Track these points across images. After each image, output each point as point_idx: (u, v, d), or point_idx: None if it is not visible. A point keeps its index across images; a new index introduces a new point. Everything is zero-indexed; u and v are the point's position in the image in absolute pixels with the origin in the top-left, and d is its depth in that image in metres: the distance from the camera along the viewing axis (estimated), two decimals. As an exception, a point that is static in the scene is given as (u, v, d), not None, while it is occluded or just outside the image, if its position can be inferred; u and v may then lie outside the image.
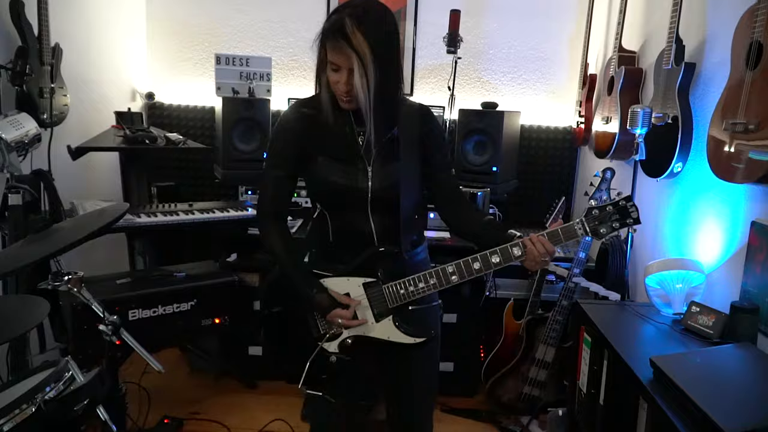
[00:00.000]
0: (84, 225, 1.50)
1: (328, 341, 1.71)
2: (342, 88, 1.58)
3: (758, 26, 1.76)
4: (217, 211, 3.11)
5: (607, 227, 1.60)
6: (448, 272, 1.64)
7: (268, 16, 3.75)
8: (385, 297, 1.68)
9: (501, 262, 1.61)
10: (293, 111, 1.75)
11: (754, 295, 1.93)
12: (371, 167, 1.70)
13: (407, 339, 1.70)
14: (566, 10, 3.71)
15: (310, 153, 1.70)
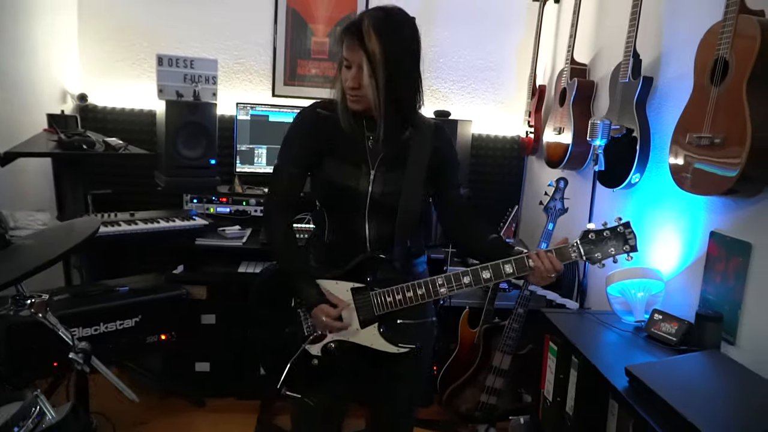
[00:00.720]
0: (51, 244, 1.36)
1: (311, 344, 1.71)
2: (349, 84, 1.62)
3: (723, 43, 1.82)
4: (162, 221, 2.95)
5: (603, 252, 1.62)
6: (438, 284, 1.64)
7: (212, 16, 3.60)
8: (372, 304, 1.68)
9: (491, 278, 1.62)
10: (309, 110, 1.79)
11: (714, 303, 2.00)
12: (374, 171, 1.72)
13: (390, 348, 1.69)
14: (514, 22, 3.76)
15: (320, 152, 1.73)
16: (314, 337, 1.72)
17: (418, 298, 1.66)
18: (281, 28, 3.63)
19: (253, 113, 3.37)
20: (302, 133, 1.76)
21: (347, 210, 1.75)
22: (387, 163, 1.73)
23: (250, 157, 3.38)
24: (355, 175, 1.72)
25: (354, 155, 1.73)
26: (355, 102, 1.65)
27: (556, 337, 2.19)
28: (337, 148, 1.73)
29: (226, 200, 3.29)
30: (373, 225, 1.74)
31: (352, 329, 1.69)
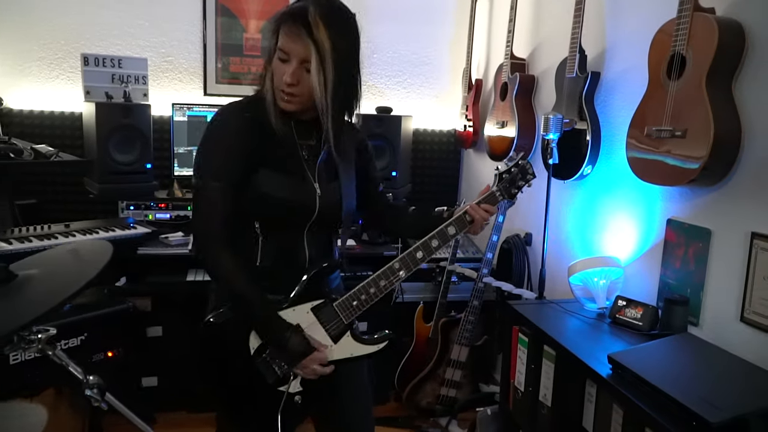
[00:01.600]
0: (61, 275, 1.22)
1: (284, 383, 1.55)
2: (287, 80, 1.44)
3: (680, 40, 1.91)
4: (101, 231, 2.76)
5: (515, 187, 1.72)
6: (396, 268, 1.61)
7: (136, 13, 3.39)
8: (339, 314, 1.59)
9: (440, 244, 1.64)
10: (233, 114, 1.56)
11: (675, 287, 2.11)
12: (317, 184, 1.61)
13: (373, 348, 1.63)
14: (446, 17, 3.80)
15: (251, 163, 1.51)
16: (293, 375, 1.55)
17: (381, 290, 1.59)
18: (211, 24, 3.48)
19: (190, 114, 3.21)
20: (229, 141, 1.51)
21: (289, 228, 1.61)
22: (324, 174, 1.63)
23: (189, 160, 3.23)
24: (301, 188, 1.58)
25: (293, 166, 1.57)
26: (289, 102, 1.48)
27: (525, 328, 2.25)
28: (271, 158, 1.53)
29: (166, 206, 3.13)
30: (311, 240, 1.63)
31: (328, 348, 1.58)
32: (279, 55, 1.47)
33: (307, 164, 1.61)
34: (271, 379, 1.54)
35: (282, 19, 1.46)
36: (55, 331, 1.24)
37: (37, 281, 1.22)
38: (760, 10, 1.81)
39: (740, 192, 1.86)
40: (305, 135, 1.61)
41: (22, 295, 1.19)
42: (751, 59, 1.83)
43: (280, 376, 1.54)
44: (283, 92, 1.48)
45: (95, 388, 1.32)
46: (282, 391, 1.54)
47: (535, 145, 3.00)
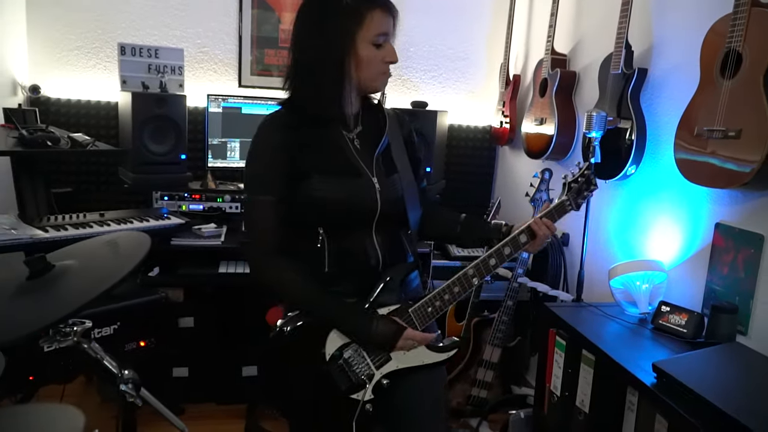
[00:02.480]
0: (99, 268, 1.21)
1: (356, 391, 1.51)
2: (395, 59, 1.49)
3: (736, 35, 1.83)
4: (135, 221, 2.77)
5: (581, 197, 1.66)
6: (470, 275, 1.54)
7: (172, 3, 3.38)
8: (415, 321, 1.53)
9: (511, 252, 1.57)
10: (271, 126, 1.52)
11: (722, 294, 2.03)
12: (376, 178, 1.55)
13: (443, 355, 1.56)
14: (483, 11, 3.73)
15: (301, 171, 1.48)
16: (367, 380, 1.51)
17: (455, 296, 1.54)
18: (246, 16, 3.46)
19: (225, 105, 3.20)
20: (273, 153, 1.48)
21: (353, 229, 1.54)
22: (382, 167, 1.57)
23: (223, 152, 3.21)
24: (358, 187, 1.52)
25: (347, 165, 1.52)
26: (388, 77, 1.53)
27: (563, 331, 2.19)
28: (322, 161, 1.49)
29: (199, 197, 3.12)
30: (381, 240, 1.57)
31: (399, 355, 1.52)
32: (376, 40, 1.45)
33: (361, 157, 1.55)
34: (344, 386, 1.51)
35: (370, 6, 1.43)
36: (90, 323, 1.22)
37: (75, 273, 1.21)
38: (824, 5, 1.72)
39: (797, 197, 1.79)
40: (349, 127, 1.57)
41: (59, 287, 1.17)
42: (813, 57, 1.74)
43: (354, 383, 1.51)
44: (386, 73, 1.52)
45: (130, 383, 1.29)
46: (354, 399, 1.50)
47: (575, 143, 2.92)
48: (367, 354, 1.52)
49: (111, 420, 2.72)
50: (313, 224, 1.52)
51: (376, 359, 1.52)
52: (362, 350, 1.52)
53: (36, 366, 2.25)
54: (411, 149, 1.69)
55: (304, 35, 1.48)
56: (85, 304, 1.08)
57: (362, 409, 1.50)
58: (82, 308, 1.08)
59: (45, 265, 1.21)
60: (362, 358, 1.52)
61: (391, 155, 1.60)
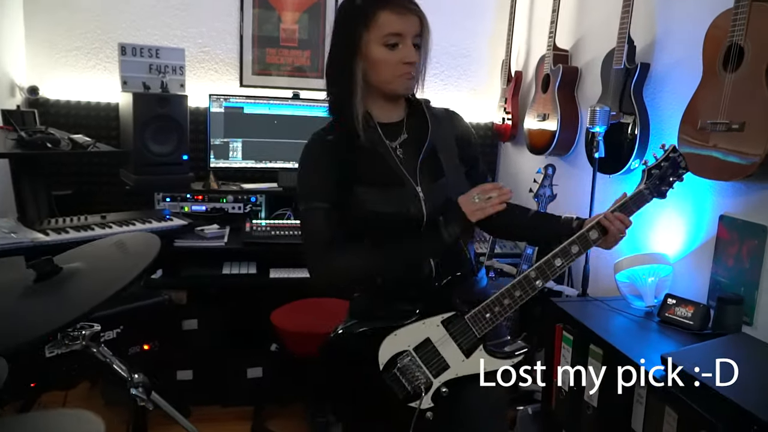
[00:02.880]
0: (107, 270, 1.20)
1: (414, 399, 1.49)
2: (412, 59, 1.43)
3: (737, 29, 1.84)
4: (137, 223, 2.76)
5: (666, 184, 1.57)
6: (532, 278, 1.49)
7: (173, 3, 3.38)
8: (472, 328, 1.49)
9: (580, 250, 1.50)
10: (315, 141, 1.55)
11: (727, 286, 2.04)
12: (420, 187, 1.52)
13: (508, 362, 1.52)
14: (485, 8, 3.73)
15: (345, 184, 1.49)
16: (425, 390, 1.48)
17: (516, 301, 1.49)
18: (248, 15, 3.46)
19: (226, 105, 3.19)
20: (318, 165, 1.51)
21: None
22: (427, 174, 1.53)
23: (225, 152, 3.21)
24: (402, 197, 1.50)
25: (390, 174, 1.50)
26: (410, 79, 1.47)
27: (570, 326, 2.19)
28: (365, 172, 1.49)
29: (202, 198, 3.12)
30: None
31: (457, 362, 1.49)
32: (388, 40, 1.43)
33: (404, 166, 1.52)
34: (401, 394, 1.50)
35: (377, 6, 1.42)
36: (99, 327, 1.22)
37: (83, 275, 1.20)
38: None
39: (802, 188, 1.79)
40: (394, 135, 1.54)
41: (67, 290, 1.16)
42: (816, 49, 1.75)
43: (410, 392, 1.49)
44: (404, 75, 1.46)
45: (140, 387, 1.29)
46: (412, 407, 1.48)
47: (578, 138, 2.92)
48: (423, 363, 1.49)
49: (119, 425, 2.73)
50: (361, 235, 1.52)
51: (433, 367, 1.49)
52: (418, 359, 1.49)
53: (38, 372, 2.23)
54: (464, 148, 1.63)
55: (331, 44, 1.52)
56: (97, 305, 1.08)
57: (421, 417, 1.48)
58: (93, 310, 1.08)
59: (52, 267, 1.20)
60: (418, 366, 1.49)
61: (437, 159, 1.55)
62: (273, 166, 3.28)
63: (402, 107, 1.59)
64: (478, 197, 1.44)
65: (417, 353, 1.50)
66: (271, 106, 3.25)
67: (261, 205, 3.21)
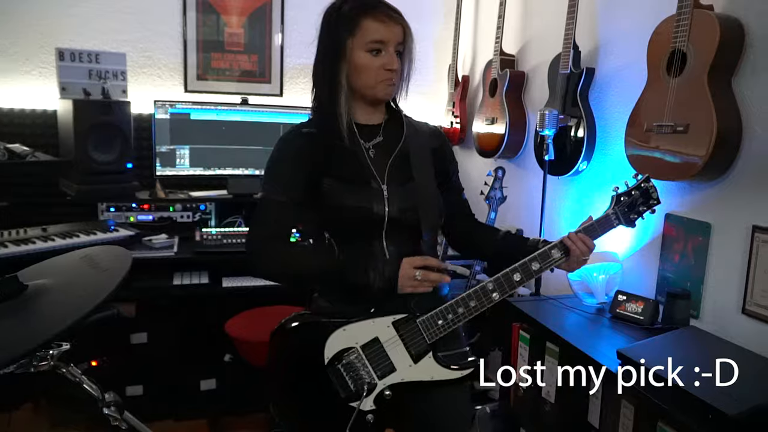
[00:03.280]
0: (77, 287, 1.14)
1: (356, 398, 1.47)
2: (393, 66, 1.48)
3: (680, 36, 1.92)
4: (82, 235, 2.67)
5: (635, 212, 1.58)
6: (489, 289, 1.48)
7: (113, 6, 3.27)
8: (422, 332, 1.48)
9: (540, 268, 1.51)
10: (292, 131, 1.58)
11: (673, 281, 2.13)
12: (386, 187, 1.53)
13: (455, 374, 1.50)
14: (431, 14, 3.79)
15: (315, 177, 1.51)
16: (367, 390, 1.46)
17: (471, 311, 1.48)
18: (191, 19, 3.38)
19: (172, 111, 3.12)
20: (288, 157, 1.54)
21: (362, 237, 1.53)
22: (396, 175, 1.55)
23: (172, 159, 3.13)
24: (366, 193, 1.52)
25: (359, 171, 1.53)
26: (392, 86, 1.52)
27: (526, 325, 2.24)
28: (335, 167, 1.52)
29: (148, 207, 3.04)
30: (392, 248, 1.54)
31: (404, 367, 1.48)
32: (371, 47, 1.47)
33: (374, 165, 1.54)
34: (344, 392, 1.48)
35: (362, 14, 1.47)
36: (68, 345, 1.17)
37: (52, 293, 1.15)
38: (759, 7, 1.83)
39: (741, 186, 1.89)
40: (369, 137, 1.57)
41: (35, 309, 1.11)
42: (751, 56, 1.85)
43: (353, 391, 1.48)
44: (385, 81, 1.50)
45: (112, 406, 1.25)
46: (352, 407, 1.46)
47: (526, 141, 3.00)
48: (370, 362, 1.48)
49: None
50: (324, 229, 1.55)
51: (379, 368, 1.48)
52: (364, 357, 1.48)
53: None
54: (440, 161, 1.66)
55: (317, 47, 1.55)
56: (71, 325, 1.04)
57: (360, 418, 1.46)
58: (70, 328, 1.03)
59: (17, 285, 1.14)
60: (363, 365, 1.48)
61: (408, 164, 1.57)
62: (222, 173, 3.22)
63: (382, 112, 1.63)
64: (419, 274, 1.45)
65: (364, 351, 1.49)
66: (219, 112, 3.19)
67: (211, 213, 3.15)
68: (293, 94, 3.59)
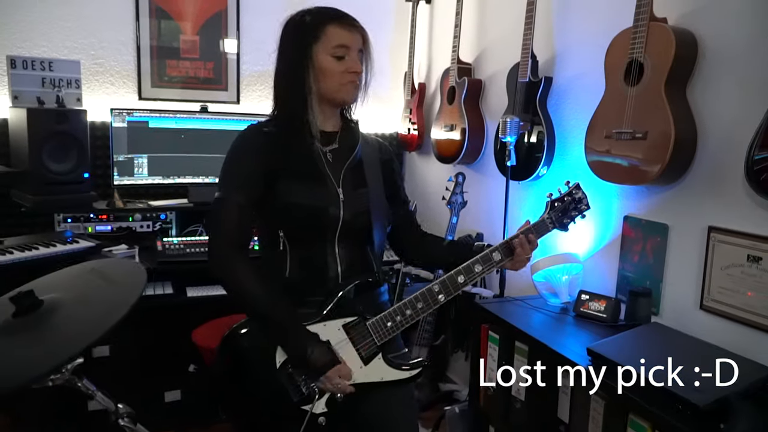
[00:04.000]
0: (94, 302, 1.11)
1: (308, 402, 1.50)
2: (357, 69, 1.54)
3: (637, 47, 2.03)
4: (41, 247, 2.58)
5: (568, 218, 1.70)
6: (434, 291, 1.57)
7: (62, 12, 3.17)
8: (372, 335, 1.54)
9: (483, 270, 1.60)
10: (252, 131, 1.60)
11: (633, 280, 2.24)
12: (341, 189, 1.58)
13: (404, 374, 1.57)
14: (385, 22, 3.83)
15: (272, 175, 1.53)
16: (319, 393, 1.50)
17: (418, 312, 1.56)
18: (144, 25, 3.32)
19: (130, 119, 3.05)
20: (246, 155, 1.55)
21: (315, 238, 1.57)
22: (350, 180, 1.60)
23: (130, 168, 3.06)
24: (321, 195, 1.56)
25: (316, 173, 1.56)
26: (356, 89, 1.58)
27: (496, 326, 2.31)
28: (292, 168, 1.55)
29: (107, 217, 2.96)
30: (343, 253, 1.58)
31: (355, 369, 1.52)
32: (335, 52, 1.52)
33: (330, 168, 1.58)
34: (296, 396, 1.50)
35: (326, 21, 1.53)
36: (82, 359, 1.15)
37: (67, 308, 1.12)
38: (709, 21, 1.96)
39: (696, 189, 2.01)
40: (325, 142, 1.60)
41: (52, 325, 1.08)
42: (703, 66, 1.98)
43: (305, 394, 1.50)
44: (350, 83, 1.56)
45: (126, 417, 1.24)
46: (305, 410, 1.48)
47: (484, 147, 3.09)
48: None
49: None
50: (277, 228, 1.56)
51: None
52: None
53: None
54: (388, 173, 1.73)
55: (279, 54, 1.59)
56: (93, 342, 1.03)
57: (312, 421, 1.49)
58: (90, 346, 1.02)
59: (33, 300, 1.11)
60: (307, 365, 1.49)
61: (362, 171, 1.63)
62: (182, 182, 3.17)
63: (337, 119, 1.67)
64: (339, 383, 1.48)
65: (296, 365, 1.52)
66: (178, 120, 3.14)
67: (171, 222, 3.10)
68: (250, 101, 3.56)
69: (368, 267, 1.65)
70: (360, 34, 1.57)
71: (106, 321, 1.06)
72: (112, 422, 1.25)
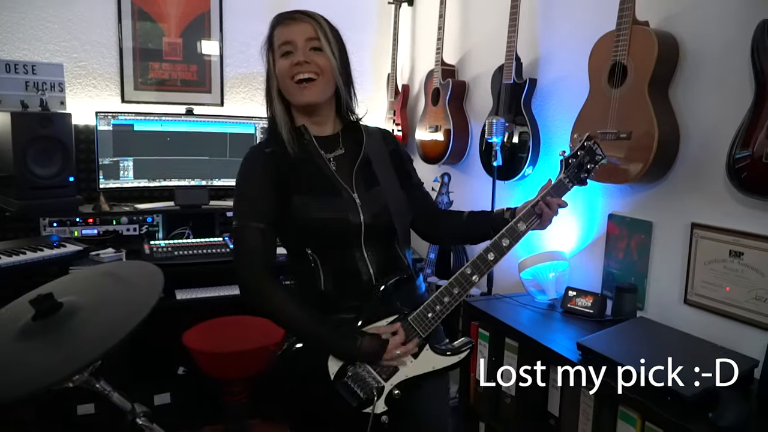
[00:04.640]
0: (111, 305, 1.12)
1: (368, 405, 1.51)
2: (300, 59, 1.47)
3: (620, 50, 2.09)
4: (28, 252, 2.56)
5: (584, 171, 1.64)
6: (468, 274, 1.55)
7: (43, 14, 3.15)
8: (416, 328, 1.54)
9: (511, 243, 1.57)
10: (254, 153, 1.59)
11: (618, 276, 2.30)
12: (356, 194, 1.58)
13: (454, 358, 1.58)
14: (368, 24, 3.87)
15: (284, 195, 1.53)
16: (377, 394, 1.50)
17: (456, 298, 1.55)
18: (127, 27, 3.31)
19: (115, 123, 3.04)
20: (256, 180, 1.54)
21: (342, 247, 1.56)
22: (362, 181, 1.59)
23: (115, 172, 3.05)
24: (338, 204, 1.55)
25: (327, 184, 1.55)
26: (306, 89, 1.50)
27: (485, 323, 2.35)
28: (303, 183, 1.54)
29: (93, 221, 2.94)
30: (371, 253, 1.58)
31: (407, 365, 1.53)
32: (281, 50, 1.50)
33: (340, 176, 1.58)
34: (355, 402, 1.51)
35: (273, 26, 1.54)
36: (101, 360, 1.16)
37: (87, 311, 1.13)
38: (690, 24, 2.02)
39: (679, 187, 2.07)
40: (329, 148, 1.61)
41: (72, 328, 1.09)
42: (685, 68, 2.04)
43: (363, 399, 1.51)
44: (296, 82, 1.50)
45: (143, 416, 1.25)
46: (367, 413, 1.50)
47: (469, 147, 3.13)
48: (373, 368, 1.53)
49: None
50: (303, 245, 1.56)
51: (383, 371, 1.53)
52: (367, 366, 1.52)
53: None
54: (398, 162, 1.72)
55: None
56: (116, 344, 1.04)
57: (376, 421, 1.51)
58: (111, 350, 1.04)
59: (53, 303, 1.12)
60: (368, 372, 1.52)
61: (372, 169, 1.63)
62: (168, 185, 3.17)
63: (334, 122, 1.65)
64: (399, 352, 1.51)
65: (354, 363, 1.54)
66: (163, 123, 3.14)
67: (158, 225, 3.09)
68: (234, 103, 3.57)
69: (399, 262, 1.64)
70: (307, 23, 1.51)
71: (128, 323, 1.06)
72: (128, 422, 1.25)
